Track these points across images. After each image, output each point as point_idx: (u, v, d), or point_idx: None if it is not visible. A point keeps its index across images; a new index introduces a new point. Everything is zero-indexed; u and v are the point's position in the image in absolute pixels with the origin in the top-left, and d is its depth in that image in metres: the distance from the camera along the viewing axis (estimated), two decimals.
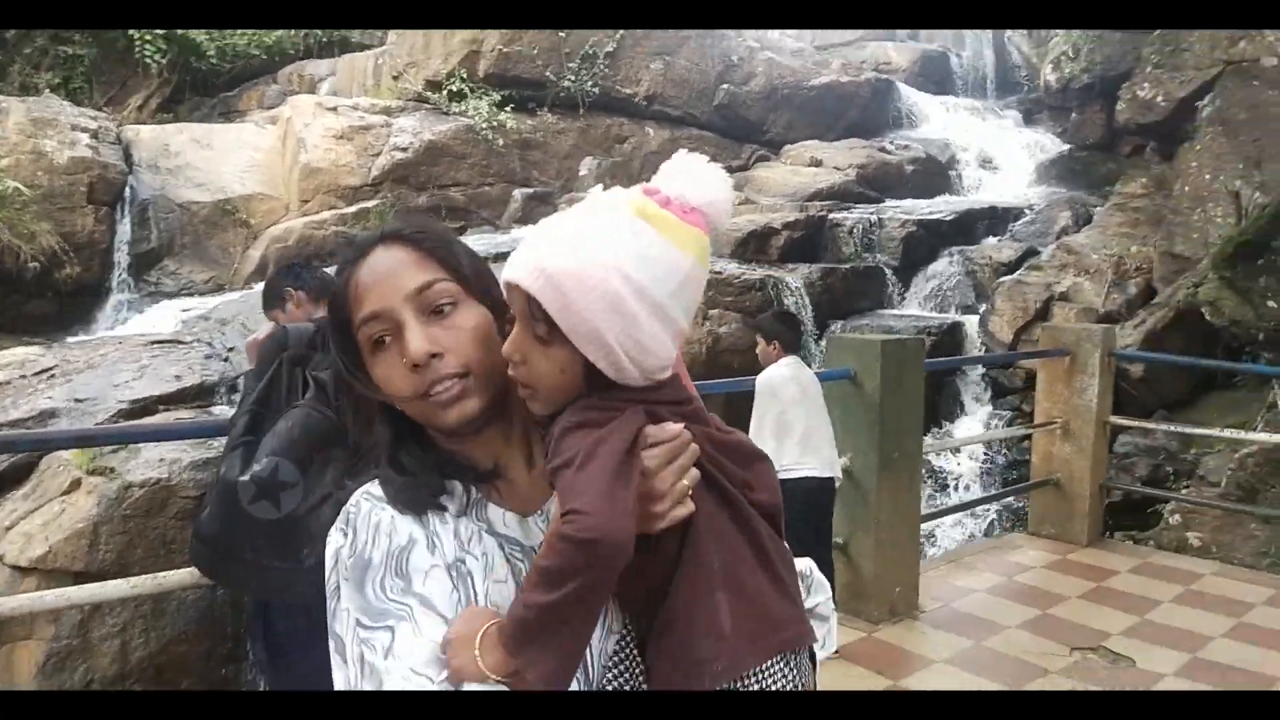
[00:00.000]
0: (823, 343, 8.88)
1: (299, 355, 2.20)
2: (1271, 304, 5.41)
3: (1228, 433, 5.44)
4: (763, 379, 3.45)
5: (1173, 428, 5.78)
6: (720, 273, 8.81)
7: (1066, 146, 14.53)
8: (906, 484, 4.03)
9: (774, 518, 1.08)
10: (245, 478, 1.94)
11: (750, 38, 14.72)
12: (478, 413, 1.05)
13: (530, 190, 12.22)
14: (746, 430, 3.45)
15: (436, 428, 1.07)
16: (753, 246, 10.02)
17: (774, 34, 15.77)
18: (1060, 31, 14.22)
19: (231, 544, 2.03)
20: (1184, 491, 6.36)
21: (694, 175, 1.02)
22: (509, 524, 1.08)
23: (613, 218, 0.98)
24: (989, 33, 18.25)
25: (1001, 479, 8.49)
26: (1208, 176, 8.68)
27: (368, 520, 1.01)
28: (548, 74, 12.56)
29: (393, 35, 13.79)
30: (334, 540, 1.02)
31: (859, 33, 18.79)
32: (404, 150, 11.69)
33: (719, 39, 14.04)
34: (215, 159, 11.38)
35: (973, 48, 18.17)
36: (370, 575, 0.98)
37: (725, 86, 14.02)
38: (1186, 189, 8.89)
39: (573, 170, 12.96)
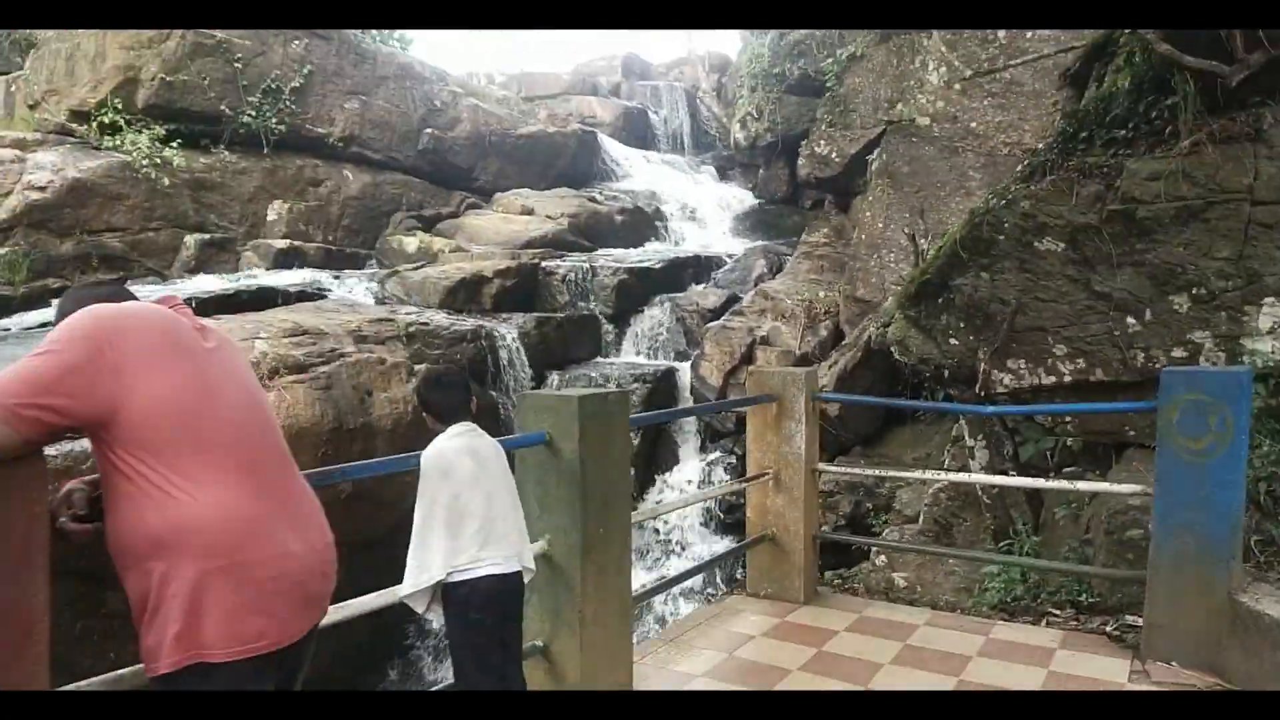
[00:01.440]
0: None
1: None
2: (954, 340, 5.57)
3: (928, 474, 5.52)
4: (428, 456, 2.68)
5: (877, 471, 5.80)
6: (427, 324, 7.99)
7: (757, 200, 15.34)
8: (616, 563, 3.46)
9: None
10: None
11: (453, 83, 14.13)
12: None
13: (206, 236, 10.66)
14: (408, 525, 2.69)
15: None
16: (463, 295, 9.30)
17: (479, 81, 15.32)
18: (745, 92, 15.00)
19: None
20: (885, 526, 6.45)
21: None
22: None
23: None
24: (683, 93, 19.08)
25: (720, 524, 8.35)
26: (880, 225, 9.25)
27: None
28: (223, 107, 11.12)
29: (30, 58, 11.62)
30: None
31: (564, 85, 18.91)
32: (41, 190, 9.73)
33: (419, 82, 13.30)
34: None
35: (669, 105, 18.87)
36: None
37: (430, 131, 13.28)
38: (863, 237, 9.42)
39: (259, 214, 11.53)
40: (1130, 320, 5.00)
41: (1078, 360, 5.19)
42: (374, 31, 13.27)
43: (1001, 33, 9.65)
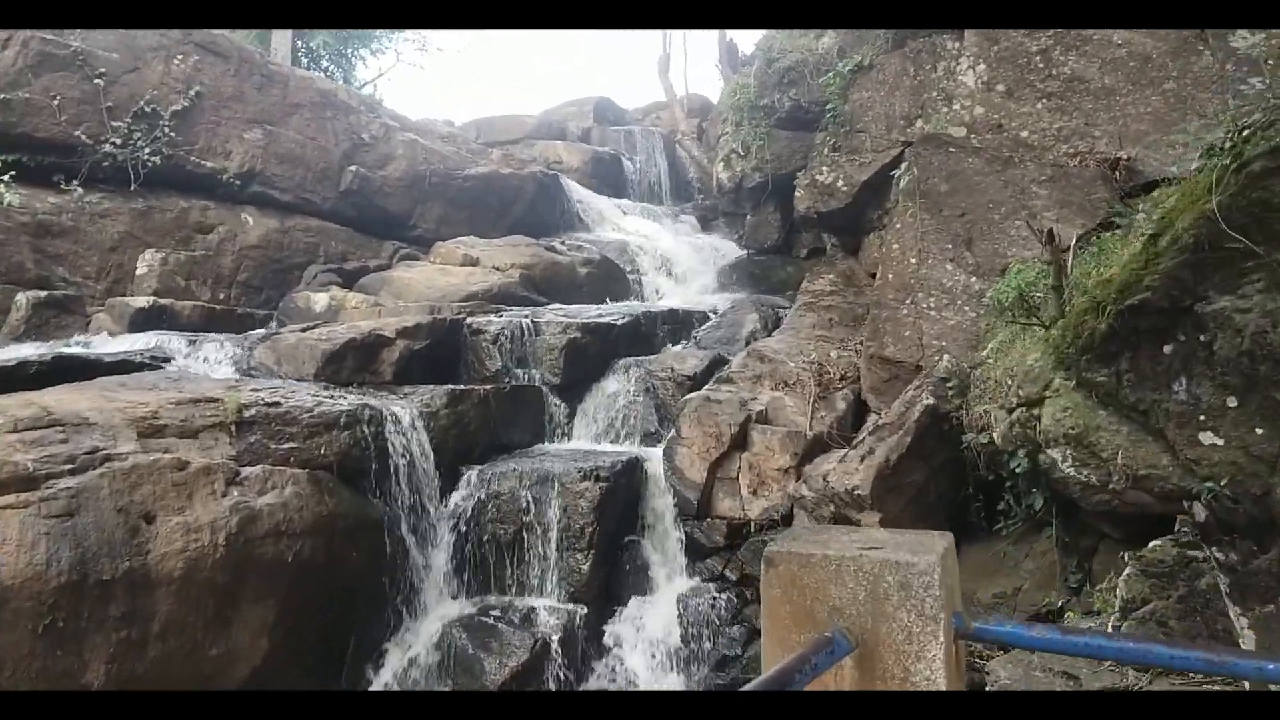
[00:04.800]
0: (434, 510, 5.75)
1: None
2: (1217, 438, 2.99)
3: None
4: None
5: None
6: (276, 405, 5.40)
7: (744, 251, 12.96)
8: None
9: None
10: None
11: (387, 115, 11.81)
12: None
13: (43, 294, 8.10)
14: None
15: None
16: (353, 363, 6.73)
17: (418, 116, 13.07)
18: (730, 128, 12.78)
19: None
20: None
21: None
22: None
23: None
24: (660, 137, 16.91)
25: (711, 665, 5.68)
26: (913, 261, 6.79)
27: None
28: (79, 135, 8.70)
29: None
30: None
31: (527, 130, 16.72)
32: None
33: (342, 111, 10.97)
34: None
35: (644, 151, 16.66)
36: None
37: (354, 169, 10.89)
38: (889, 278, 6.96)
39: (125, 266, 9.02)
40: None
41: None
42: (290, 51, 10.98)
43: None
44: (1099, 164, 7.01)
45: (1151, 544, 3.29)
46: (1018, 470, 4.61)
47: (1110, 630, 3.23)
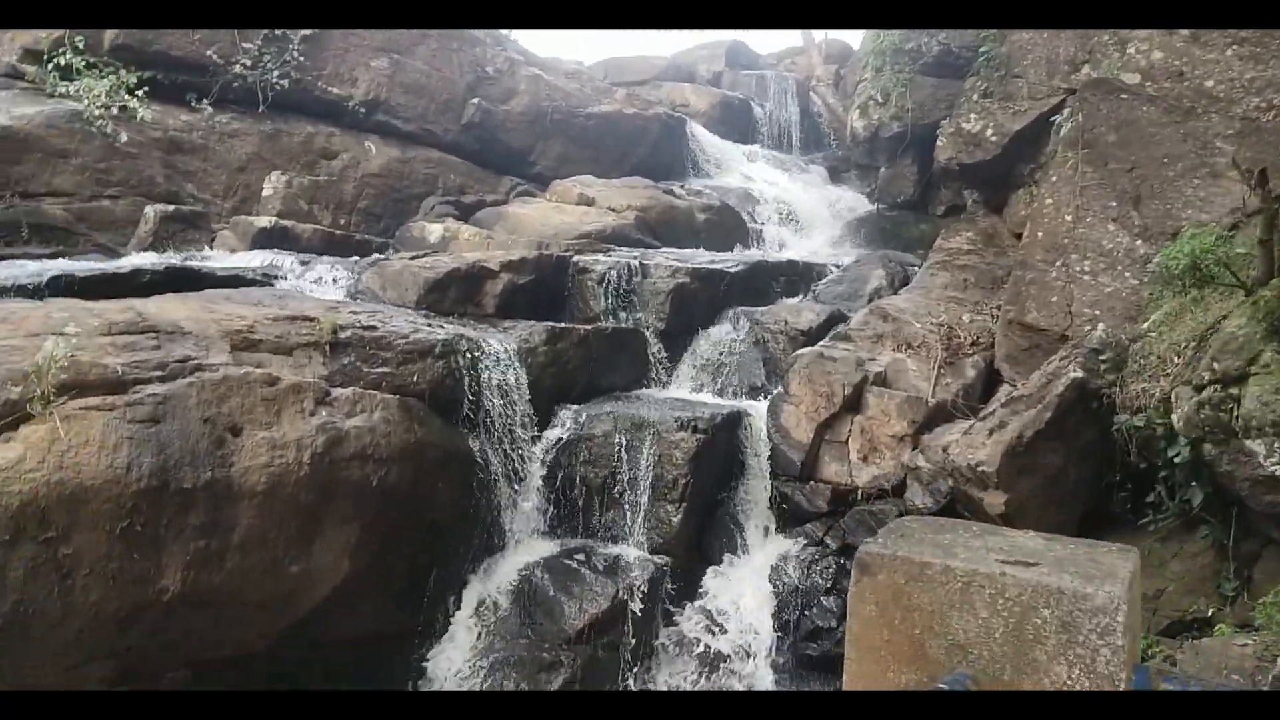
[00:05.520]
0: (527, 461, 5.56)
1: None
2: None
3: None
4: None
5: None
6: (372, 328, 5.28)
7: (876, 205, 12.15)
8: None
9: None
10: None
11: (513, 49, 11.57)
12: None
13: (170, 208, 8.31)
14: None
15: None
16: (454, 293, 6.58)
17: (546, 54, 12.79)
18: (870, 74, 11.95)
19: None
20: None
21: None
22: None
23: None
24: (793, 83, 16.06)
25: (799, 659, 5.32)
26: (1069, 218, 6.03)
27: None
28: (211, 55, 8.82)
29: None
30: None
31: (656, 71, 16.19)
32: None
33: (468, 43, 10.80)
34: None
35: (776, 97, 15.85)
36: None
37: (477, 101, 10.74)
38: (1039, 235, 6.22)
39: (252, 187, 9.18)
40: None
41: None
42: None
43: None
44: None
45: None
46: (1177, 460, 3.97)
47: None
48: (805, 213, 12.25)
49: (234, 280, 6.19)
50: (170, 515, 3.96)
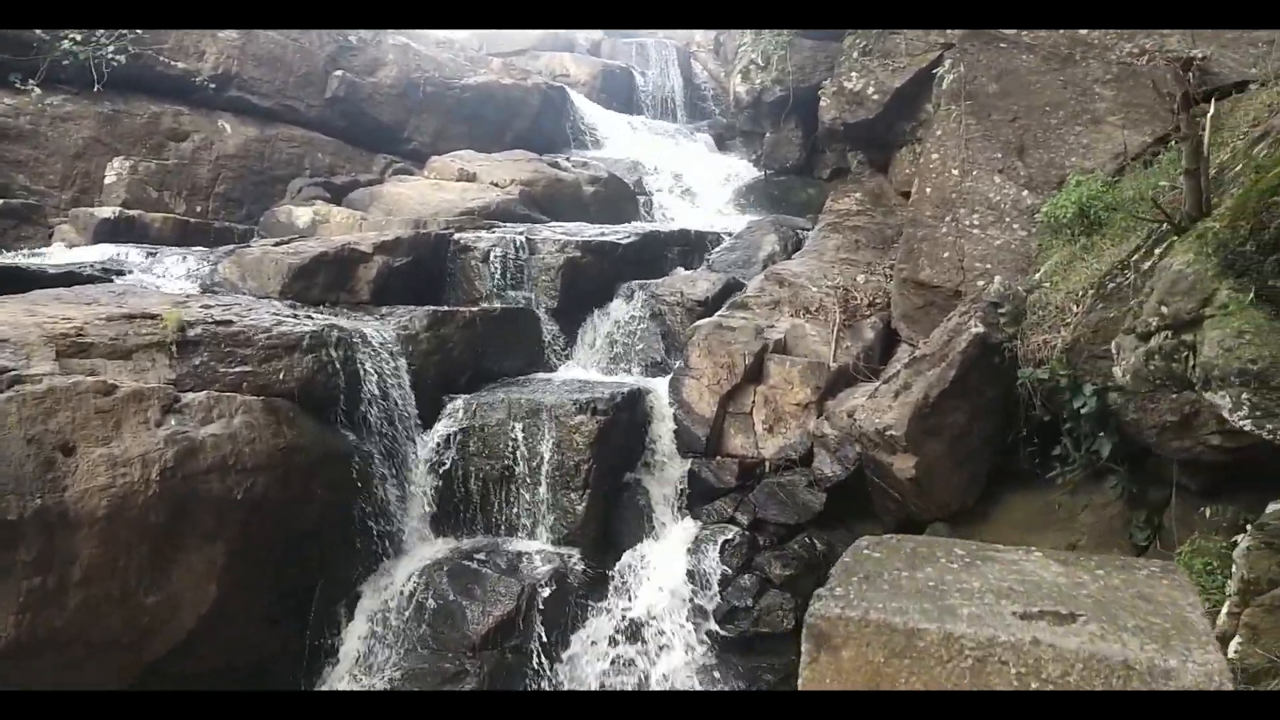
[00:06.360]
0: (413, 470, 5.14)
1: None
2: None
3: None
4: None
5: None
6: (228, 323, 4.73)
7: (763, 172, 12.05)
8: None
9: None
10: None
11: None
12: None
13: (1, 202, 7.40)
14: None
15: None
16: (323, 280, 6.04)
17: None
18: (749, 38, 11.79)
19: None
20: None
21: None
22: None
23: None
24: (674, 50, 15.79)
25: (720, 640, 5.11)
26: (955, 172, 5.97)
27: None
28: (35, 30, 7.87)
29: None
30: None
31: (533, 39, 15.61)
32: None
33: None
34: None
35: (658, 65, 15.55)
36: None
37: (341, 74, 10.02)
38: (927, 191, 6.15)
39: (92, 175, 8.28)
40: None
41: None
42: None
43: None
44: (1169, 63, 6.12)
45: (1273, 507, 2.60)
46: (1082, 410, 3.91)
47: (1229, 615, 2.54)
48: (694, 182, 12.04)
49: (68, 278, 5.49)
50: None
